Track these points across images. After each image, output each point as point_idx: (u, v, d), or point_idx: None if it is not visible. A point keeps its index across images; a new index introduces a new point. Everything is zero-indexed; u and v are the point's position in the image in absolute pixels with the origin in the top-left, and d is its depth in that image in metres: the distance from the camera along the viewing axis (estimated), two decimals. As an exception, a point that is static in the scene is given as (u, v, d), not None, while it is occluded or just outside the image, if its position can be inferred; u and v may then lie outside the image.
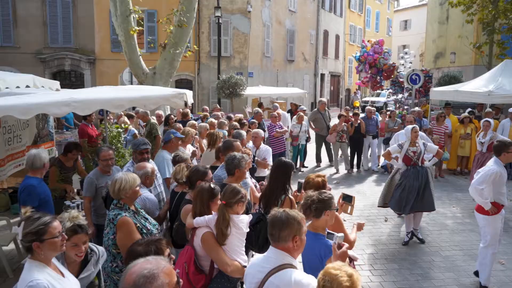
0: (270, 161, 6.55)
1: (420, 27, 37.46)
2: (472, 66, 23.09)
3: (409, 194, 6.20)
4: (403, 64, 22.62)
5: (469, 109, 12.55)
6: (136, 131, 8.61)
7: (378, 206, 7.03)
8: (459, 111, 14.69)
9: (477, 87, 11.80)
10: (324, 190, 3.13)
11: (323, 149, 11.82)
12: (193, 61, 19.93)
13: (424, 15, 33.52)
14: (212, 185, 3.39)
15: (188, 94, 5.90)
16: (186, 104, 5.90)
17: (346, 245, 2.62)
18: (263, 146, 6.89)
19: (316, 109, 11.93)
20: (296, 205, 3.80)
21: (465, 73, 23.57)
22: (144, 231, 3.36)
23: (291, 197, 3.98)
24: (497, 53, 17.79)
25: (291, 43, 25.31)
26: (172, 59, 10.40)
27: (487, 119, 8.43)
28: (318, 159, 11.84)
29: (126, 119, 9.55)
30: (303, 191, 3.90)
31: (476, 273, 5.17)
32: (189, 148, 6.33)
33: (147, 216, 3.64)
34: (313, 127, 11.49)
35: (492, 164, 4.73)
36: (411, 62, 22.81)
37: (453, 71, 24.56)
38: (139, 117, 9.43)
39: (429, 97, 15.18)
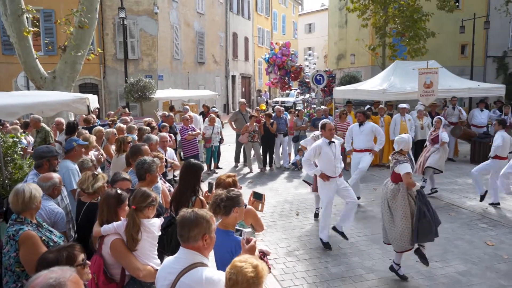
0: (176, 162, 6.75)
1: (323, 30, 39.82)
2: (370, 66, 25.11)
3: (433, 217, 5.06)
4: (308, 66, 23.84)
5: (368, 106, 13.62)
6: (25, 143, 7.83)
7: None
8: (360, 108, 15.90)
9: (373, 86, 12.92)
10: (232, 188, 3.22)
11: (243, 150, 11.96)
12: (97, 64, 18.97)
13: (326, 19, 35.67)
14: (118, 191, 3.30)
15: (92, 99, 5.63)
16: (89, 109, 5.63)
17: (254, 239, 2.73)
18: (168, 148, 7.12)
19: (237, 110, 12.07)
20: (207, 206, 3.85)
21: (363, 73, 25.59)
22: (51, 243, 3.18)
23: (202, 198, 4.02)
24: (389, 55, 19.58)
25: (200, 45, 25.29)
26: (74, 62, 9.80)
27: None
28: (237, 159, 11.99)
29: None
30: (214, 191, 3.96)
31: None
32: (92, 155, 6.02)
33: (51, 228, 3.45)
34: (234, 127, 11.62)
35: None
36: (315, 64, 24.16)
37: (353, 71, 26.53)
38: (31, 124, 8.66)
39: (333, 96, 16.21)
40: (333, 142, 6.03)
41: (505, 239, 6.37)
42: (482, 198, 8.00)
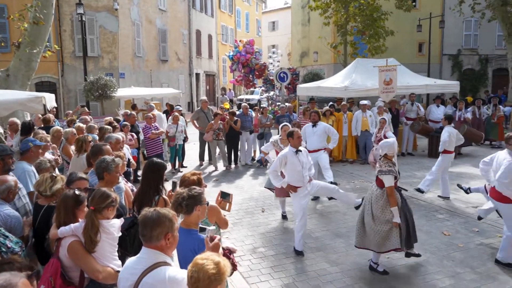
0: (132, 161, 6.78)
1: (286, 28, 40.08)
2: (332, 64, 25.55)
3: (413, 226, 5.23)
4: (272, 63, 23.97)
5: (331, 103, 13.85)
6: None
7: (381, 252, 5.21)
8: (323, 105, 16.15)
9: (335, 83, 13.16)
10: (194, 187, 3.18)
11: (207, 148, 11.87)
12: (55, 61, 18.31)
13: (289, 17, 35.95)
14: (76, 192, 3.20)
15: (48, 98, 5.42)
16: (45, 108, 5.41)
17: (218, 237, 2.72)
18: (125, 147, 7.03)
19: (199, 108, 11.97)
20: (170, 205, 3.80)
21: (326, 70, 25.99)
22: (4, 249, 3.04)
23: (165, 197, 3.96)
24: (351, 53, 20.00)
25: (163, 43, 24.89)
26: (29, 59, 9.43)
27: None
28: (201, 157, 11.90)
29: None
30: (177, 190, 3.90)
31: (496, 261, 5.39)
32: (48, 157, 5.79)
33: (7, 233, 3.29)
34: (197, 126, 11.51)
35: (508, 157, 5.14)
36: (279, 61, 24.31)
37: (316, 69, 26.91)
38: None
39: (296, 93, 16.39)
40: (300, 151, 5.70)
41: (460, 229, 6.67)
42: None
